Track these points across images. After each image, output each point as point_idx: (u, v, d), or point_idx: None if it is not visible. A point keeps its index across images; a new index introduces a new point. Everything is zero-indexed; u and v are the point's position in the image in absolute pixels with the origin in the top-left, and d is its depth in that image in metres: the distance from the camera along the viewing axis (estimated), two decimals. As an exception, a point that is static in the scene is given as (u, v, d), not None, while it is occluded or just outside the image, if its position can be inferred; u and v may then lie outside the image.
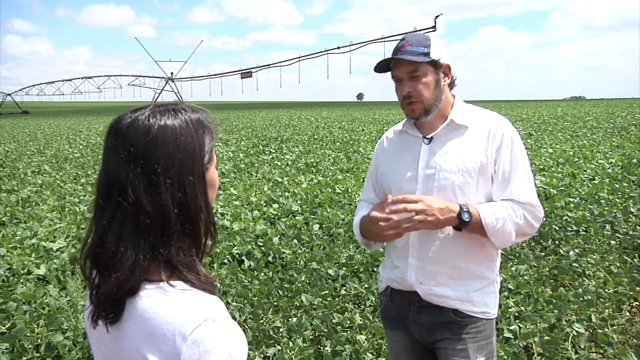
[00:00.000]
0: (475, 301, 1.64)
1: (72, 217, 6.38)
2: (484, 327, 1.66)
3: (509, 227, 1.55)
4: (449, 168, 1.60)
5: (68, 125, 29.09)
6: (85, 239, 0.86)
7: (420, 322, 1.70)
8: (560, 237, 4.85)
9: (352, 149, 12.65)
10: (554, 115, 26.21)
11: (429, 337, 1.70)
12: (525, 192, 1.58)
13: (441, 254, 1.62)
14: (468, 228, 1.55)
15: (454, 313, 1.65)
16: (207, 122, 0.91)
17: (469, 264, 1.64)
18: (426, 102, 1.62)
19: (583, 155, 10.06)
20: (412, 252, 1.66)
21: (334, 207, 6.34)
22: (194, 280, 0.84)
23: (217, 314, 0.80)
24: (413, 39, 1.62)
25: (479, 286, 1.65)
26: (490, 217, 1.54)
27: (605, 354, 2.92)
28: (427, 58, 1.58)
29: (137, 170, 0.81)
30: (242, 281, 4.06)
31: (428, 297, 1.65)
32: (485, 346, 1.67)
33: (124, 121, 0.85)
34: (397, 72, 1.63)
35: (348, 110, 46.95)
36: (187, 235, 0.85)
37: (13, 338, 3.02)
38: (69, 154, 13.41)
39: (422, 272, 1.65)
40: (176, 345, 0.77)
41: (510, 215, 1.55)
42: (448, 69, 1.66)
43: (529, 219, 1.58)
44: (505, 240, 1.58)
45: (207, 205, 0.87)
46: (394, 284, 1.75)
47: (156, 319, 0.79)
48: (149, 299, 0.81)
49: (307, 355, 2.91)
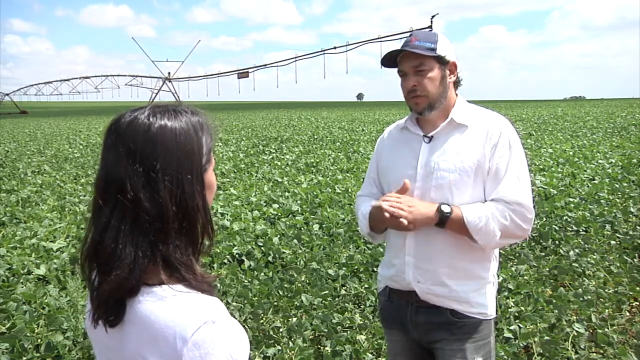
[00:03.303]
0: (472, 302, 1.64)
1: (72, 217, 6.39)
2: (481, 327, 1.66)
3: (492, 226, 1.54)
4: (446, 167, 1.61)
5: (68, 126, 29.09)
6: (84, 239, 0.87)
7: (418, 322, 1.70)
8: (560, 237, 4.85)
9: (352, 149, 12.65)
10: (553, 115, 26.21)
11: (427, 337, 1.70)
12: (513, 192, 1.57)
13: (437, 252, 1.63)
14: (450, 226, 1.56)
15: (452, 314, 1.65)
16: (206, 123, 0.91)
17: (465, 263, 1.64)
18: (431, 96, 1.63)
19: (583, 155, 10.06)
20: (408, 251, 1.67)
21: (334, 207, 6.34)
22: (191, 279, 0.84)
23: (217, 315, 0.81)
24: (421, 35, 1.65)
25: (476, 287, 1.65)
26: (473, 215, 1.54)
27: (605, 354, 2.92)
28: (434, 53, 1.60)
29: (136, 167, 0.81)
30: (242, 281, 4.06)
31: (425, 296, 1.66)
32: (483, 346, 1.67)
33: (123, 119, 0.85)
34: (404, 65, 1.65)
35: (348, 110, 46.97)
36: (184, 234, 0.85)
37: (13, 338, 3.02)
38: (69, 154, 13.41)
39: (419, 270, 1.65)
40: (177, 348, 0.77)
41: (494, 214, 1.55)
42: (454, 67, 1.67)
43: (516, 220, 1.56)
44: (489, 240, 1.56)
45: (204, 205, 0.88)
46: (392, 283, 1.76)
47: (157, 322, 0.80)
48: (149, 303, 0.82)
49: (307, 355, 2.91)
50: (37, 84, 71.90)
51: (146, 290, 0.83)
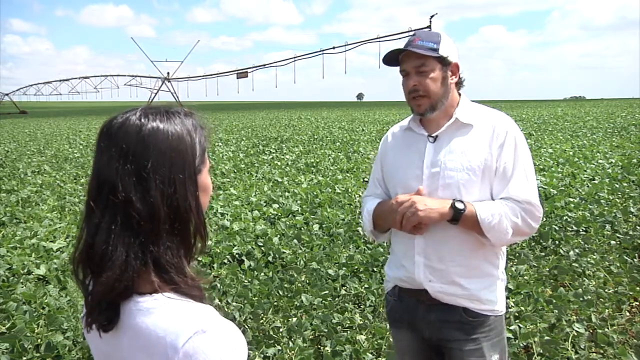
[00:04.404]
0: (483, 299, 1.65)
1: (72, 217, 6.39)
2: (494, 325, 1.67)
3: (505, 224, 1.55)
4: (453, 166, 1.61)
5: (68, 126, 29.09)
6: (77, 243, 0.86)
7: (429, 320, 1.70)
8: (560, 237, 4.85)
9: (352, 149, 12.65)
10: (554, 115, 26.22)
11: (439, 335, 1.70)
12: (523, 191, 1.58)
13: (447, 251, 1.63)
14: (463, 222, 1.56)
15: (464, 312, 1.65)
16: (199, 125, 0.91)
17: (476, 261, 1.64)
18: (433, 97, 1.63)
19: (583, 155, 10.06)
20: (417, 251, 1.67)
21: (334, 207, 6.34)
22: (180, 282, 0.84)
23: (208, 324, 0.79)
24: (424, 35, 1.64)
25: (486, 284, 1.66)
26: (486, 212, 1.54)
27: (605, 354, 2.92)
28: (436, 53, 1.60)
29: (127, 167, 0.81)
30: (242, 281, 4.06)
31: (437, 295, 1.65)
32: (498, 343, 1.68)
33: (115, 122, 0.86)
34: (405, 65, 1.65)
35: (348, 110, 46.97)
36: (176, 235, 0.84)
37: (13, 338, 3.02)
38: (69, 154, 13.40)
39: (430, 269, 1.65)
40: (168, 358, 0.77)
41: (507, 213, 1.56)
42: (456, 68, 1.67)
43: (527, 218, 1.58)
44: (501, 238, 1.58)
45: (197, 206, 0.87)
46: (402, 283, 1.75)
47: (148, 331, 0.79)
48: (142, 312, 0.81)
49: (307, 355, 2.91)
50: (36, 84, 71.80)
51: (139, 298, 0.82)
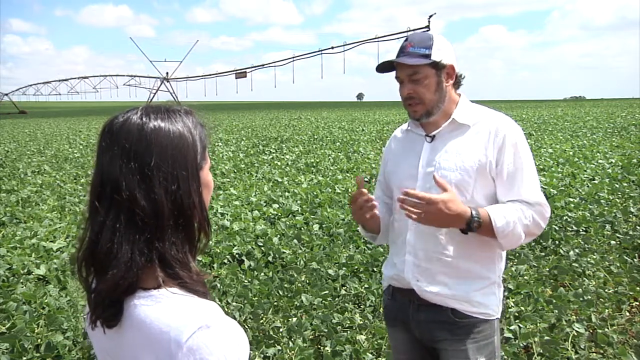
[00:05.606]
0: (474, 301, 1.64)
1: (72, 217, 6.38)
2: (483, 327, 1.65)
3: (519, 230, 1.54)
4: (447, 166, 1.61)
5: (68, 125, 29.08)
6: (80, 242, 0.87)
7: (419, 320, 1.70)
8: (560, 237, 4.85)
9: (352, 149, 12.65)
10: (554, 116, 26.21)
11: (428, 335, 1.70)
12: (534, 192, 1.58)
13: (437, 252, 1.63)
14: (478, 231, 1.54)
15: (453, 313, 1.64)
16: (199, 122, 0.92)
17: (467, 263, 1.63)
18: (428, 103, 1.62)
19: (583, 155, 10.06)
20: (408, 250, 1.67)
21: (334, 207, 6.34)
22: (185, 277, 0.84)
23: (212, 320, 0.80)
24: (416, 40, 1.61)
25: (478, 286, 1.64)
26: (502, 220, 1.52)
27: (605, 354, 2.92)
28: (428, 60, 1.58)
29: (130, 165, 0.82)
30: (242, 281, 4.06)
31: (425, 294, 1.65)
32: (486, 346, 1.66)
33: (116, 121, 0.86)
34: (399, 73, 1.65)
35: (348, 110, 46.97)
36: (180, 231, 0.85)
37: (13, 338, 3.02)
38: (69, 154, 13.40)
39: (418, 269, 1.65)
40: (172, 353, 0.77)
41: (520, 217, 1.55)
42: (452, 70, 1.64)
43: (537, 219, 1.58)
44: (514, 243, 1.58)
45: (200, 202, 0.88)
46: (394, 282, 1.76)
47: (152, 326, 0.80)
48: (145, 306, 0.81)
49: (307, 355, 2.91)
50: (35, 84, 71.79)
51: (142, 293, 0.83)
